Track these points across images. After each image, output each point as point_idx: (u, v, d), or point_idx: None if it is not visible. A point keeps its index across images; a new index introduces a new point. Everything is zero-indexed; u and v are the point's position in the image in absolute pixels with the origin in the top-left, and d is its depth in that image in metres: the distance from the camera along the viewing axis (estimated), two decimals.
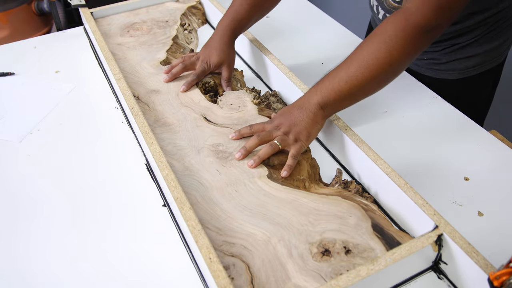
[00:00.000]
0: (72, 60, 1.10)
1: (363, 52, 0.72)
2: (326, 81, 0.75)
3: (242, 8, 0.95)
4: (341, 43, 1.17)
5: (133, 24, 1.18)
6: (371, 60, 0.71)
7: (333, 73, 0.75)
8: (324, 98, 0.74)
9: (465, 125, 0.90)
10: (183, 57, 0.97)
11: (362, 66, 0.71)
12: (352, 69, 0.72)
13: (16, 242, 0.70)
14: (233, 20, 0.95)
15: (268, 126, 0.78)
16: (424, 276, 0.65)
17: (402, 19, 0.70)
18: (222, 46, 0.94)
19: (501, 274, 0.51)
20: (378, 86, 0.75)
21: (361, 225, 0.67)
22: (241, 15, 0.95)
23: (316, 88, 0.76)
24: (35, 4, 1.76)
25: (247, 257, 0.63)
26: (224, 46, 0.94)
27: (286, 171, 0.74)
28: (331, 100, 0.74)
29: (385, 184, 0.71)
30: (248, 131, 0.80)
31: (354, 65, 0.72)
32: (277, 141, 0.75)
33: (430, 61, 1.02)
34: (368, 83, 0.72)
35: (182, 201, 0.66)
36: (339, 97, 0.74)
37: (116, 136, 0.89)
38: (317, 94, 0.75)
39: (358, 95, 0.76)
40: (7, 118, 0.93)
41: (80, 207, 0.75)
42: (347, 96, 0.74)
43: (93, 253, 0.68)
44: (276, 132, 0.76)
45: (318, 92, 0.75)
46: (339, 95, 0.74)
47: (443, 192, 0.77)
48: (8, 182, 0.79)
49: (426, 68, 1.04)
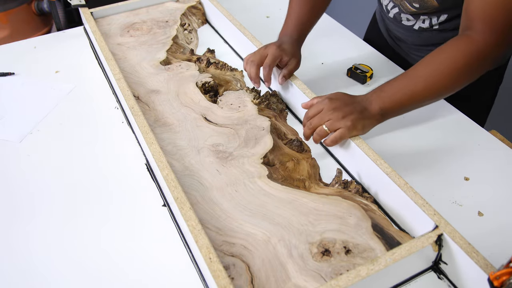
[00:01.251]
0: (72, 60, 1.10)
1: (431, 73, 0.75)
2: (390, 91, 0.78)
3: (303, 11, 0.94)
4: (341, 43, 1.17)
5: (133, 24, 1.18)
6: (438, 83, 0.75)
7: (398, 84, 0.78)
8: (386, 107, 0.77)
9: (465, 125, 0.90)
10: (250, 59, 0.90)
11: (428, 88, 0.75)
12: (419, 87, 0.76)
13: (16, 242, 0.70)
14: (298, 24, 0.94)
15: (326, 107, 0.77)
16: (424, 276, 0.65)
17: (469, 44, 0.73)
18: (294, 43, 0.92)
19: (501, 274, 0.51)
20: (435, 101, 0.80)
21: (361, 225, 0.67)
22: (304, 18, 0.94)
23: (379, 95, 0.78)
24: (35, 4, 1.76)
25: (247, 257, 0.63)
26: (295, 43, 0.92)
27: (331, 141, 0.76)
28: (389, 110, 0.78)
29: (385, 184, 0.71)
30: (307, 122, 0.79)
31: (421, 84, 0.75)
32: (327, 128, 0.76)
33: None
34: (429, 101, 0.78)
35: (182, 201, 0.66)
36: (398, 109, 0.78)
37: (116, 136, 0.89)
38: (380, 102, 0.78)
39: (416, 108, 0.80)
40: (7, 118, 0.93)
41: (80, 207, 0.75)
42: (406, 109, 0.79)
43: (93, 253, 0.68)
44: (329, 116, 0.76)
45: (380, 100, 0.78)
46: (399, 108, 0.78)
47: (443, 192, 0.77)
48: (8, 182, 0.79)
49: None
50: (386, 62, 1.09)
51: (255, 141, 0.82)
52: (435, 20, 0.94)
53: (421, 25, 0.97)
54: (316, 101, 0.80)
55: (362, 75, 1.02)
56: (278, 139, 0.84)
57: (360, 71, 1.02)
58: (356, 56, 1.11)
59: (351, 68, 1.04)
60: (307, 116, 0.79)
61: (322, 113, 0.77)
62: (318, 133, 0.77)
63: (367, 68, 1.03)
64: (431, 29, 0.96)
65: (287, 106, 0.96)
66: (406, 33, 1.03)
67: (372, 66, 1.05)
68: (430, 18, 0.94)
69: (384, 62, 1.09)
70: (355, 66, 1.04)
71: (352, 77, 1.04)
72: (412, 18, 0.98)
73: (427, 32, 0.98)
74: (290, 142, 0.84)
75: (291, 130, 0.89)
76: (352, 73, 1.03)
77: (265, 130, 0.84)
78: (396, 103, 0.77)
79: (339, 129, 0.76)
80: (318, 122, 0.77)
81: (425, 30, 0.98)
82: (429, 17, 0.94)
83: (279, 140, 0.84)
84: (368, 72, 1.02)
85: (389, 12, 1.03)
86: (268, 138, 0.82)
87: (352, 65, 1.04)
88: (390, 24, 1.08)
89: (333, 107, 0.77)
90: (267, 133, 0.84)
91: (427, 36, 0.99)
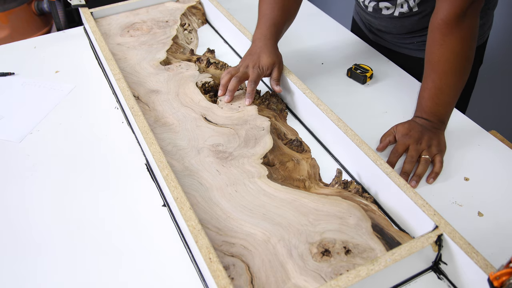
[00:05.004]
0: (72, 60, 1.10)
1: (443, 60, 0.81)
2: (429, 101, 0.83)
3: (274, 14, 0.95)
4: (341, 43, 1.17)
5: (133, 24, 1.18)
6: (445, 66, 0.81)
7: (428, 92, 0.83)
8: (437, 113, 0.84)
9: (465, 125, 0.90)
10: (229, 71, 0.92)
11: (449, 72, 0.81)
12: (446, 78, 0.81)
13: (16, 242, 0.70)
14: (271, 26, 0.95)
15: (411, 142, 0.82)
16: (424, 276, 0.65)
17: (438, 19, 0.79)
18: (270, 48, 0.93)
19: (501, 274, 0.51)
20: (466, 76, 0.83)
21: (361, 225, 0.67)
22: (276, 20, 0.95)
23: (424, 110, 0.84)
24: (35, 4, 1.76)
25: (247, 257, 0.63)
26: (272, 48, 0.93)
27: (433, 178, 0.79)
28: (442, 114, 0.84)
29: (385, 184, 0.71)
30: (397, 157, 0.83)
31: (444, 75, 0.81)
32: (428, 156, 0.81)
33: (420, 43, 1.06)
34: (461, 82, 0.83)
35: (182, 201, 0.66)
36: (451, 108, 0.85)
37: (116, 136, 0.89)
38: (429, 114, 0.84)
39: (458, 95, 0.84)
40: (7, 118, 0.93)
41: (80, 207, 0.75)
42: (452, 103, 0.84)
43: (93, 253, 0.68)
44: (421, 147, 0.82)
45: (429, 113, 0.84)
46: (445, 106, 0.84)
47: (443, 192, 0.77)
48: (8, 182, 0.79)
49: (416, 50, 1.08)
50: (386, 62, 1.09)
51: (255, 141, 0.82)
52: (412, 2, 0.97)
53: (400, 10, 1.00)
54: (398, 143, 0.83)
55: (362, 75, 1.02)
56: (278, 139, 0.84)
57: (360, 71, 1.02)
58: (356, 56, 1.11)
59: (351, 68, 1.04)
60: (398, 153, 0.82)
61: (413, 146, 0.81)
62: (424, 163, 0.80)
63: (367, 68, 1.03)
64: (411, 12, 0.99)
65: (287, 106, 0.96)
66: (389, 24, 1.06)
67: (372, 66, 1.05)
68: (407, 1, 0.97)
69: (384, 62, 1.09)
70: (355, 66, 1.04)
71: (352, 77, 1.04)
72: (390, 5, 1.00)
73: (409, 18, 1.01)
74: (290, 142, 0.84)
75: (291, 130, 0.89)
76: (352, 73, 1.03)
77: (265, 130, 0.84)
78: (440, 105, 0.83)
79: (436, 154, 0.81)
80: (416, 154, 0.81)
81: (406, 16, 1.01)
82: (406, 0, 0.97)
83: (279, 140, 0.84)
84: (368, 72, 1.02)
85: (367, 8, 1.05)
86: (268, 138, 0.82)
87: (352, 65, 1.04)
88: (371, 20, 1.11)
89: (416, 138, 0.82)
90: (267, 133, 0.84)
91: (409, 23, 1.02)
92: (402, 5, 0.99)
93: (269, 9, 0.96)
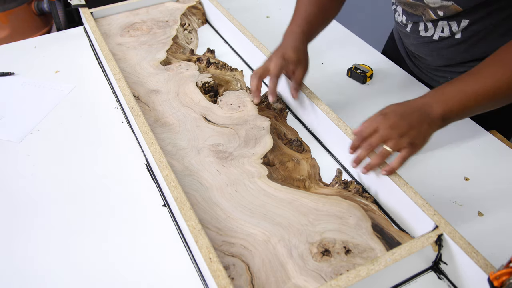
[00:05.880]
0: (72, 60, 1.10)
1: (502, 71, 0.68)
2: (452, 92, 0.70)
3: (309, 11, 0.88)
4: (341, 43, 1.17)
5: (133, 24, 1.18)
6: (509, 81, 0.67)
7: (461, 84, 0.70)
8: (448, 111, 0.70)
9: (465, 125, 0.90)
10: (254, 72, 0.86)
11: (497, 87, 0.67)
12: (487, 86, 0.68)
13: (16, 242, 0.70)
14: (304, 23, 0.87)
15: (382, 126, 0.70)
16: (424, 276, 0.65)
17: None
18: (298, 45, 0.85)
19: (501, 274, 0.51)
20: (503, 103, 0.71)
21: (361, 225, 0.67)
22: (310, 17, 0.88)
23: (440, 98, 0.70)
24: (35, 4, 1.76)
25: (247, 257, 0.63)
26: (300, 45, 0.85)
27: (386, 171, 0.69)
28: (454, 114, 0.70)
29: (385, 184, 0.71)
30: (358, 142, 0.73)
31: (489, 83, 0.68)
32: (388, 147, 0.69)
33: None
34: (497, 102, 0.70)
35: (182, 201, 0.66)
36: (462, 112, 0.70)
37: (116, 136, 0.89)
38: (442, 104, 0.70)
39: (481, 111, 0.72)
40: (7, 118, 0.93)
41: (80, 207, 0.75)
42: (470, 112, 0.72)
43: (93, 253, 0.68)
44: (388, 134, 0.69)
45: (443, 103, 0.70)
46: (463, 110, 0.70)
47: (443, 192, 0.77)
48: (8, 182, 0.79)
49: None
50: (386, 62, 1.09)
51: (255, 141, 0.82)
52: (456, 27, 0.85)
53: (440, 34, 0.89)
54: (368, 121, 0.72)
55: (362, 75, 1.02)
56: (278, 139, 0.84)
57: (360, 71, 1.02)
58: (356, 56, 1.11)
59: (351, 68, 1.04)
60: (362, 137, 0.71)
61: (380, 132, 0.70)
62: (381, 155, 0.69)
63: (367, 68, 1.03)
64: (452, 38, 0.88)
65: (287, 106, 0.96)
66: (425, 50, 0.95)
67: (372, 66, 1.05)
68: (449, 25, 0.86)
69: (384, 62, 1.09)
70: (355, 66, 1.04)
71: (352, 77, 1.04)
72: (431, 26, 0.89)
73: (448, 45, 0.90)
74: (290, 142, 0.84)
75: (291, 130, 0.89)
76: (352, 73, 1.03)
77: (265, 130, 0.84)
78: (460, 105, 0.69)
79: (403, 148, 0.68)
80: (377, 141, 0.69)
81: (446, 41, 0.90)
82: (448, 23, 0.86)
83: (279, 140, 0.84)
84: (368, 72, 1.02)
85: (407, 27, 0.96)
86: (268, 138, 0.82)
87: (352, 65, 1.04)
88: (407, 41, 1.00)
89: (390, 124, 0.69)
90: (267, 133, 0.84)
91: (448, 52, 0.91)
92: (443, 28, 0.87)
93: (304, 5, 0.88)
